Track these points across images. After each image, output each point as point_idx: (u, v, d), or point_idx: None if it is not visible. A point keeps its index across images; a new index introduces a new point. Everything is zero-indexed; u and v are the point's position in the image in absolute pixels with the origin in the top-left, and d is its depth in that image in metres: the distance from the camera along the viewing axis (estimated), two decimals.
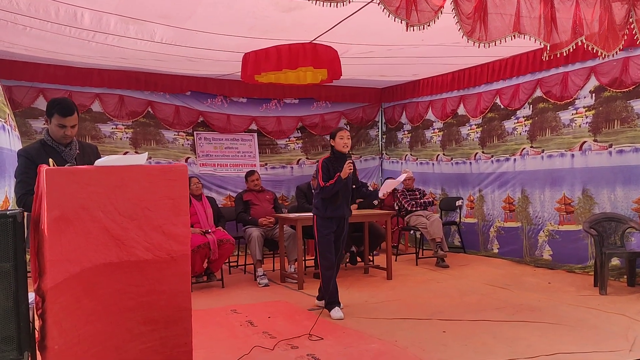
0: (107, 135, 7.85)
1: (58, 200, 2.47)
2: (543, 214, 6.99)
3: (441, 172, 8.76)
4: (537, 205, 7.08)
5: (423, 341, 4.03)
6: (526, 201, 7.22)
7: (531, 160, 7.15)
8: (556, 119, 6.80)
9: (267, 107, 9.06)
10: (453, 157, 8.50)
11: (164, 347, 2.80)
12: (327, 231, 4.86)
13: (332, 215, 4.83)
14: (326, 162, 4.88)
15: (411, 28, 3.83)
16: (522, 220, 7.29)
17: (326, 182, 4.76)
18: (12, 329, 2.49)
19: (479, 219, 8.03)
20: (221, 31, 5.36)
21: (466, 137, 8.25)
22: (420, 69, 7.96)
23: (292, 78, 6.04)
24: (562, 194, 6.71)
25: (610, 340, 3.95)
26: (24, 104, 7.22)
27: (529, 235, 7.18)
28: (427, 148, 9.04)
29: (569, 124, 6.65)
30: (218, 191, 8.44)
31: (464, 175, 8.30)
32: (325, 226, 4.87)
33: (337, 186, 4.72)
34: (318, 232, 4.90)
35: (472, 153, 8.14)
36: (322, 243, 4.88)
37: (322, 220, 4.87)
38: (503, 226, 7.61)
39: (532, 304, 5.09)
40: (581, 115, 6.50)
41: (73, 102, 3.34)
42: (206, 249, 5.96)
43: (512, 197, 7.44)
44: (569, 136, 6.63)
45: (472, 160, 8.12)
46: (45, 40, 5.71)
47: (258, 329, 4.43)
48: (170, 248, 2.75)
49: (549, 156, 6.90)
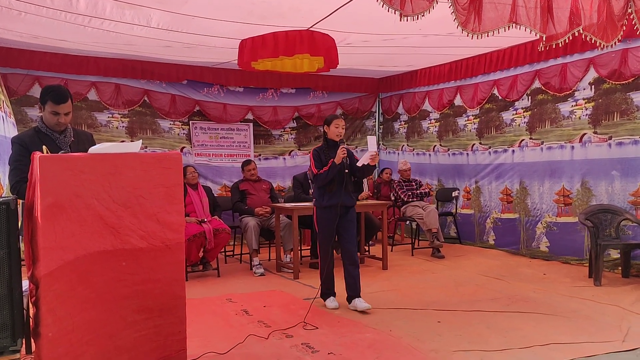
0: (103, 124, 7.81)
1: (52, 187, 2.46)
2: (541, 206, 7.00)
3: (438, 163, 8.76)
4: (535, 196, 7.08)
5: (418, 331, 4.04)
6: (524, 192, 7.23)
7: (530, 152, 7.15)
8: (555, 111, 6.79)
9: (264, 96, 9.03)
10: (450, 148, 8.49)
11: (158, 335, 2.81)
12: (326, 221, 4.78)
13: (330, 204, 4.74)
14: (317, 150, 4.83)
15: (405, 18, 3.79)
16: (520, 211, 7.30)
17: (319, 169, 4.69)
18: (6, 316, 2.48)
19: (475, 210, 8.04)
20: (218, 16, 5.32)
21: (463, 127, 8.24)
22: (417, 59, 7.93)
23: (289, 65, 6.00)
24: (562, 186, 6.72)
25: (604, 330, 3.97)
26: (20, 92, 7.17)
27: (526, 227, 7.20)
28: (424, 139, 9.03)
29: (568, 116, 6.64)
30: (213, 180, 8.43)
31: (461, 166, 8.30)
32: (324, 216, 4.79)
33: (331, 172, 4.63)
34: (317, 222, 4.85)
35: (469, 144, 8.13)
36: (321, 233, 4.82)
37: (321, 211, 4.81)
38: (500, 217, 7.62)
39: (527, 294, 5.11)
40: (581, 107, 6.49)
41: (67, 89, 3.31)
42: (202, 238, 5.95)
43: (510, 188, 7.44)
44: (569, 128, 6.62)
45: (469, 152, 8.12)
46: (41, 26, 5.66)
47: (253, 318, 4.43)
48: (165, 236, 2.75)
49: (548, 148, 6.89)
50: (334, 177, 4.65)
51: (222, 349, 3.60)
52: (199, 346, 3.63)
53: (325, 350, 3.63)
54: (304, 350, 3.64)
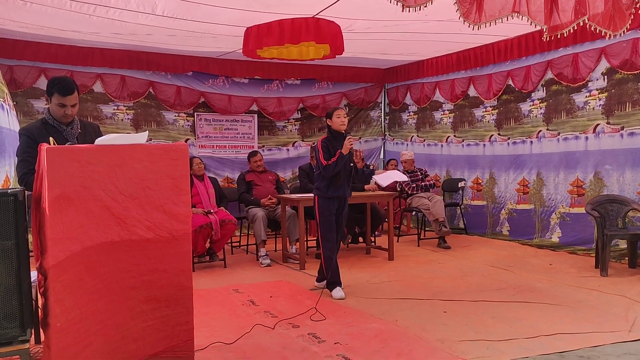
0: (109, 116, 7.82)
1: (59, 178, 2.47)
2: (556, 196, 7.00)
3: (449, 154, 8.71)
4: (551, 187, 7.08)
5: (424, 321, 4.05)
6: (541, 183, 7.21)
7: (547, 143, 7.12)
8: (570, 102, 6.78)
9: (269, 87, 9.01)
10: (465, 139, 8.44)
11: (165, 325, 2.83)
12: (328, 212, 4.86)
13: (334, 195, 4.83)
14: (325, 141, 4.87)
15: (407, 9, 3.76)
16: (536, 202, 7.29)
17: (328, 160, 4.74)
18: (14, 307, 2.51)
19: (488, 201, 8.01)
20: (223, 4, 5.29)
21: (481, 119, 8.17)
22: (423, 47, 7.81)
23: (295, 53, 5.98)
24: (576, 177, 6.72)
25: (610, 321, 3.97)
26: (26, 84, 7.19)
27: (541, 218, 7.19)
28: (437, 129, 8.96)
29: (583, 107, 6.62)
30: (216, 172, 8.40)
31: (474, 157, 8.25)
32: (326, 207, 4.86)
33: (339, 163, 4.69)
34: (319, 212, 4.90)
35: (487, 135, 8.06)
36: (324, 223, 4.88)
37: (323, 201, 4.87)
38: (515, 208, 7.60)
39: (533, 284, 5.11)
40: (594, 98, 6.47)
41: (73, 81, 3.31)
42: (208, 229, 5.97)
43: (528, 179, 7.42)
44: (583, 119, 6.61)
45: (487, 142, 8.07)
46: (46, 16, 5.65)
47: (260, 309, 4.46)
48: (172, 227, 2.76)
49: (564, 139, 6.88)
50: (340, 169, 4.73)
51: (229, 339, 3.63)
52: (206, 336, 3.66)
53: (332, 340, 3.64)
54: (311, 340, 3.66)
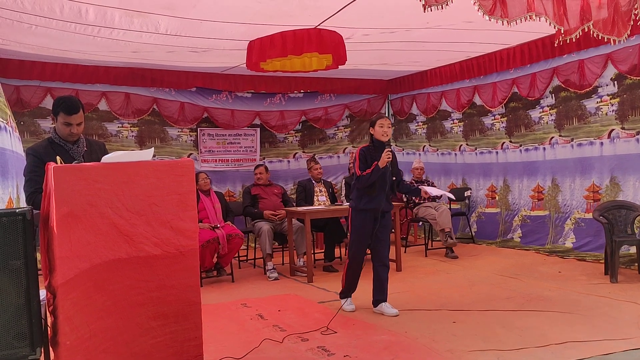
0: (114, 134, 7.89)
1: (66, 197, 2.48)
2: (572, 202, 6.98)
3: (464, 162, 8.70)
4: (566, 193, 7.06)
5: (433, 332, 4.02)
6: (556, 189, 7.19)
7: (561, 149, 7.12)
8: (581, 108, 6.78)
9: (272, 101, 9.05)
10: (477, 147, 8.43)
11: (174, 341, 2.82)
12: (360, 224, 4.60)
13: (366, 207, 4.58)
14: (364, 150, 4.63)
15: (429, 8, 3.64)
16: (550, 208, 7.26)
17: (363, 171, 4.53)
18: (24, 326, 2.51)
19: (502, 208, 7.99)
20: (226, 18, 5.34)
21: (490, 126, 8.18)
22: (425, 56, 7.82)
23: (298, 64, 6.01)
24: (592, 182, 6.71)
25: (621, 328, 3.93)
26: (32, 104, 7.26)
27: (555, 224, 7.16)
28: (448, 138, 8.96)
29: (595, 112, 6.63)
30: (217, 185, 8.37)
31: (489, 165, 8.25)
32: (359, 218, 4.61)
33: (374, 175, 4.45)
34: (352, 224, 4.69)
35: (498, 142, 8.06)
36: (354, 234, 4.68)
37: (356, 213, 4.65)
38: (529, 215, 7.57)
39: (543, 293, 5.07)
40: (606, 103, 6.48)
41: (79, 100, 3.35)
42: (215, 244, 5.98)
43: (542, 185, 7.40)
44: (597, 124, 6.61)
45: (499, 150, 8.06)
46: (51, 38, 5.73)
47: (268, 322, 4.45)
48: (179, 243, 2.77)
49: (578, 145, 6.88)
50: (375, 181, 4.52)
51: (238, 354, 3.62)
52: (215, 351, 3.65)
53: (341, 353, 3.63)
54: (320, 353, 3.64)
